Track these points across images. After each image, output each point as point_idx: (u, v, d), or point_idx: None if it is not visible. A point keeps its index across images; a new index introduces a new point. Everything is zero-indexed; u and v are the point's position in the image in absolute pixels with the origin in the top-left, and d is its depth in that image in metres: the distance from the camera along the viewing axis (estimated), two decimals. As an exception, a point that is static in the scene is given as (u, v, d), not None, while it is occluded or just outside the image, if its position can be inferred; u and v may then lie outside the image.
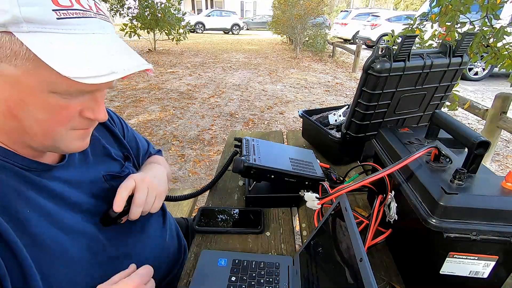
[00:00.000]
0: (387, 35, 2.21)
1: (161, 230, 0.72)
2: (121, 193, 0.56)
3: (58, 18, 0.39)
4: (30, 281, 0.42)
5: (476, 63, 6.17)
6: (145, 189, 0.60)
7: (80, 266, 0.50)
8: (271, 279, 0.62)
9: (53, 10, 0.38)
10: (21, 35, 0.37)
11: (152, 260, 0.65)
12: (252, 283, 0.61)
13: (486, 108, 2.45)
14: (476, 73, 6.42)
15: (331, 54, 9.26)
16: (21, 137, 0.46)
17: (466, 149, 0.55)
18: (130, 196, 0.58)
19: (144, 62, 0.45)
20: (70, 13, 0.40)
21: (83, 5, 0.42)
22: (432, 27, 2.07)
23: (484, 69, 6.37)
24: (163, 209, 0.76)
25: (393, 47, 0.80)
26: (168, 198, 0.82)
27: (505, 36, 1.76)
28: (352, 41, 11.59)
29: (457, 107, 2.32)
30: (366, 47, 9.41)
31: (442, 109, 1.02)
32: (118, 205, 0.55)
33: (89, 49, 0.41)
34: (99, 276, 0.51)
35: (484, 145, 0.52)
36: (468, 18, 1.90)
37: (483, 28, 1.84)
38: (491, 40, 1.82)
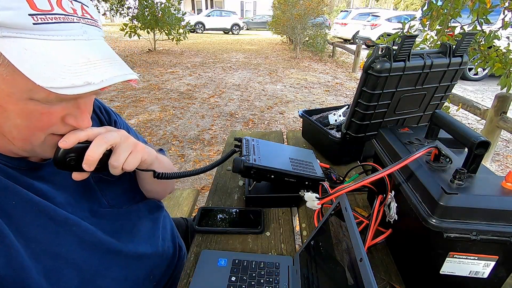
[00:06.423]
0: (387, 35, 2.21)
1: (152, 238, 0.69)
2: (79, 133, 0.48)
3: (34, 23, 0.36)
4: (19, 267, 0.42)
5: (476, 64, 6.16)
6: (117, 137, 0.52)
7: (71, 257, 0.49)
8: (271, 279, 0.62)
9: (29, 14, 0.36)
10: None
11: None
12: (252, 283, 0.61)
13: (486, 108, 2.45)
14: (476, 73, 6.42)
15: (331, 54, 9.26)
16: (1, 140, 0.44)
17: (466, 149, 0.55)
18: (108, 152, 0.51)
19: (128, 72, 0.42)
20: (49, 18, 0.37)
21: (65, 9, 0.39)
22: (423, 31, 2.08)
23: (484, 69, 6.36)
24: (155, 217, 0.72)
25: (393, 47, 0.80)
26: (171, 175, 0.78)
27: (495, 40, 1.78)
28: (352, 41, 11.59)
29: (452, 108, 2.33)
30: (366, 47, 9.41)
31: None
32: (66, 142, 0.46)
33: (66, 57, 0.38)
34: (91, 268, 0.51)
35: (484, 145, 0.52)
36: (459, 22, 1.91)
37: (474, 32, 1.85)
38: (482, 42, 1.84)
